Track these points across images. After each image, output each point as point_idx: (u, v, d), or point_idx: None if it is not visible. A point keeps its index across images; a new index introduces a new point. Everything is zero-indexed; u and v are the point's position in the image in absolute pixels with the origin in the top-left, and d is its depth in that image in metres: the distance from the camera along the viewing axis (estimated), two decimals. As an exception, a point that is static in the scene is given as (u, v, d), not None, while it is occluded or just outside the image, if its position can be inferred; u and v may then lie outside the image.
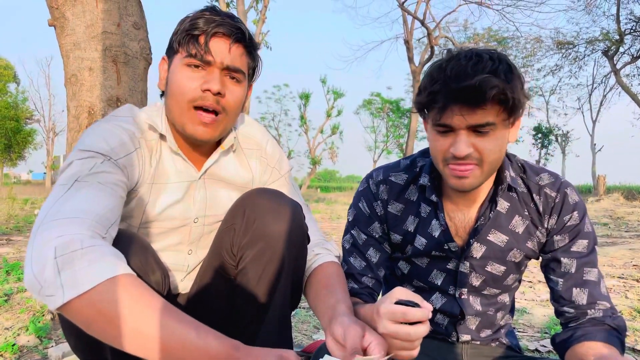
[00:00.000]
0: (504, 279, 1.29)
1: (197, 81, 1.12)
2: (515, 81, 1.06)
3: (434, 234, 1.28)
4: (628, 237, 6.47)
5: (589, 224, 1.23)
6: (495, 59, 1.07)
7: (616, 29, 19.38)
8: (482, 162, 1.10)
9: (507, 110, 1.07)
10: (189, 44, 1.11)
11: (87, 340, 1.04)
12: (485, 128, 1.07)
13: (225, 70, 1.14)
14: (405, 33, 19.33)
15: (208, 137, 1.16)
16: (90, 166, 1.01)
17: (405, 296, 0.94)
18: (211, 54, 1.11)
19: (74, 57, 2.43)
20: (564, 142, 37.03)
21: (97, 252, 0.82)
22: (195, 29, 1.12)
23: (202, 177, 1.24)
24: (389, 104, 38.90)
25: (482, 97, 1.02)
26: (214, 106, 1.12)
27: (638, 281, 3.55)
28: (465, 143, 1.08)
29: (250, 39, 1.18)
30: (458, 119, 1.06)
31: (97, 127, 1.12)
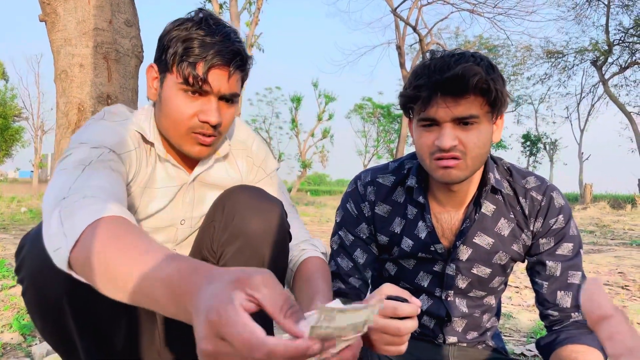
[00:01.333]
0: (489, 282, 1.30)
1: (193, 109, 1.08)
2: (497, 76, 1.10)
3: (420, 235, 1.28)
4: (614, 245, 6.54)
5: (574, 228, 1.24)
6: (476, 56, 1.12)
7: (605, 39, 19.64)
8: (466, 156, 1.12)
9: (490, 103, 1.10)
10: (186, 71, 1.05)
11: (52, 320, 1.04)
12: (469, 120, 1.10)
13: (223, 97, 1.11)
14: (397, 39, 19.44)
15: (204, 155, 1.17)
16: (98, 154, 1.00)
17: (394, 292, 0.96)
18: (209, 84, 1.06)
19: (65, 53, 2.42)
20: (552, 150, 37.39)
21: (98, 200, 0.81)
22: (192, 55, 1.05)
23: (194, 181, 1.24)
24: (380, 109, 39.02)
25: (465, 85, 1.06)
26: (212, 133, 1.11)
27: (623, 288, 3.59)
28: (450, 136, 1.10)
29: (246, 59, 1.12)
30: (443, 111, 1.09)
31: (96, 123, 1.11)
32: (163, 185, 1.19)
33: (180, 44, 1.05)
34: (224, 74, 1.07)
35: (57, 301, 0.99)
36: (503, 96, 1.11)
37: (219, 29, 1.08)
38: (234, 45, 1.08)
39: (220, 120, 1.10)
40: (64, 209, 0.80)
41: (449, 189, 1.23)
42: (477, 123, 1.11)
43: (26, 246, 1.00)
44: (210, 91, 1.08)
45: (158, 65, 1.13)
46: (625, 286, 3.63)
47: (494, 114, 1.14)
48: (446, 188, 1.23)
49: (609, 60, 20.38)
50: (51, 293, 0.98)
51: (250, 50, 15.00)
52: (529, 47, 22.01)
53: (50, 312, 1.02)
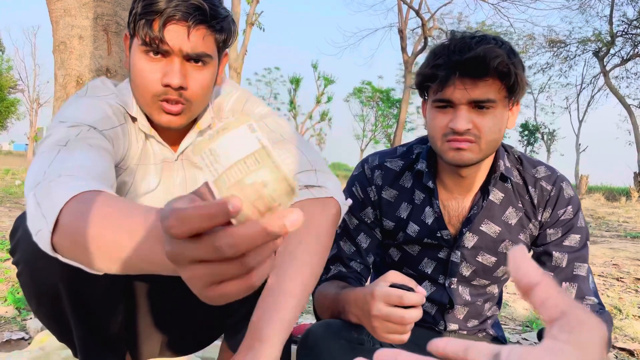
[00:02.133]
0: (494, 270, 1.29)
1: (156, 73, 1.00)
2: (517, 61, 1.08)
3: (427, 221, 1.27)
4: (608, 237, 6.57)
5: (582, 220, 1.23)
6: (498, 39, 1.11)
7: (608, 30, 19.54)
8: (480, 140, 1.11)
9: (509, 87, 1.08)
10: (144, 31, 0.97)
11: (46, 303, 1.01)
12: (486, 104, 1.08)
13: (187, 56, 1.00)
14: (399, 22, 19.27)
15: (175, 125, 1.06)
16: (77, 132, 0.94)
17: (400, 280, 0.95)
18: (167, 43, 0.97)
19: (64, 23, 2.36)
20: (550, 141, 37.44)
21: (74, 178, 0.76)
22: (149, 12, 0.96)
23: (179, 158, 1.17)
24: (380, 93, 38.90)
25: (486, 67, 1.04)
26: (178, 99, 1.02)
27: (618, 280, 3.60)
28: (465, 118, 1.09)
29: (213, 15, 1.00)
30: (460, 92, 1.07)
31: (78, 100, 1.05)
32: (152, 161, 1.14)
33: (141, 2, 0.98)
34: (182, 29, 0.97)
35: (52, 285, 0.96)
36: (522, 82, 1.09)
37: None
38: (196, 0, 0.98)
39: (184, 83, 1.00)
40: (39, 191, 0.76)
41: (458, 174, 1.21)
42: (494, 108, 1.09)
43: (20, 228, 0.96)
44: (170, 51, 0.98)
45: (128, 32, 1.06)
46: (619, 278, 3.65)
47: (511, 100, 1.12)
48: (455, 173, 1.21)
49: (611, 51, 20.30)
50: (46, 277, 0.95)
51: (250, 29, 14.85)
52: (531, 36, 21.89)
53: (45, 296, 1.00)
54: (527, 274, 0.36)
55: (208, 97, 1.09)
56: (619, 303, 2.85)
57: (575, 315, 0.34)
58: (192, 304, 1.25)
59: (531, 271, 0.36)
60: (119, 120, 1.06)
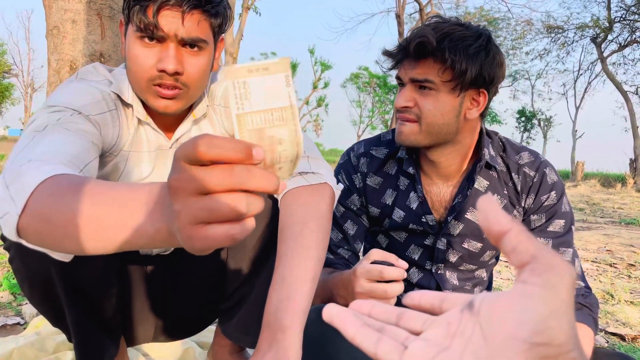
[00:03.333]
0: (480, 256, 1.30)
1: (151, 58, 0.99)
2: (470, 47, 1.10)
3: (411, 206, 1.28)
4: (603, 223, 6.61)
5: (566, 204, 1.24)
6: (467, 26, 1.15)
7: (606, 16, 19.44)
8: (420, 120, 1.15)
9: (450, 71, 1.10)
10: (138, 17, 0.96)
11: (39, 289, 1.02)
12: (425, 84, 1.13)
13: (182, 41, 1.00)
14: (397, 7, 19.13)
15: (172, 111, 1.06)
16: (58, 117, 0.93)
17: (381, 257, 0.98)
18: (162, 28, 0.97)
19: (57, 7, 2.34)
20: (547, 127, 37.44)
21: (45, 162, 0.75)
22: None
23: (173, 146, 1.17)
24: (377, 79, 38.74)
25: (409, 48, 1.12)
26: (174, 84, 1.01)
27: (611, 265, 3.64)
28: (405, 97, 1.16)
29: (208, 0, 1.00)
30: (403, 72, 1.17)
31: (68, 84, 1.04)
32: (146, 149, 1.14)
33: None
34: (177, 14, 0.97)
35: (45, 271, 0.97)
36: (463, 67, 1.09)
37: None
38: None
39: (180, 68, 1.00)
40: (8, 175, 0.73)
41: (428, 158, 1.24)
42: (435, 90, 1.13)
43: None
44: (165, 36, 0.98)
45: (123, 18, 1.06)
46: (613, 264, 3.68)
47: (456, 85, 1.12)
48: (427, 158, 1.25)
49: (609, 37, 20.24)
50: (38, 262, 0.95)
51: (247, 13, 14.72)
52: (529, 22, 21.77)
53: (37, 281, 1.00)
54: (497, 221, 0.37)
55: (205, 82, 1.09)
56: (611, 288, 2.88)
57: (545, 259, 0.35)
58: (186, 288, 1.26)
59: (501, 218, 0.37)
60: (109, 106, 1.05)
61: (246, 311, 1.16)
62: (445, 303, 0.43)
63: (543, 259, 0.35)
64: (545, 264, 0.34)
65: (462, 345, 0.37)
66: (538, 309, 0.33)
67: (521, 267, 0.36)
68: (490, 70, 1.13)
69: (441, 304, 0.43)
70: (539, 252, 0.35)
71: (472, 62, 1.10)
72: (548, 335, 0.33)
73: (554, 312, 0.33)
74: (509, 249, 0.36)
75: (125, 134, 1.10)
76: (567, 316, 0.34)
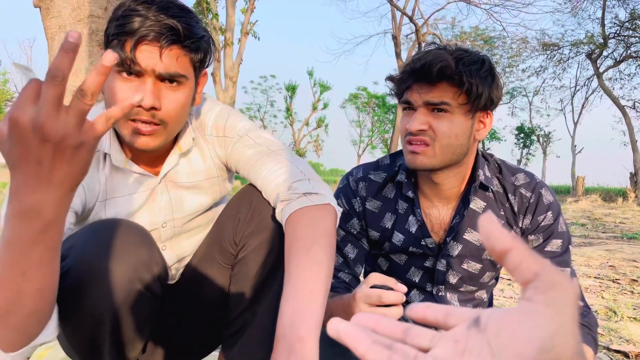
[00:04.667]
0: (480, 277, 1.32)
1: (128, 92, 0.98)
2: (480, 71, 1.13)
3: (411, 229, 1.30)
4: (605, 238, 6.60)
5: (563, 224, 1.26)
6: (470, 51, 1.17)
7: (601, 32, 19.65)
8: (435, 143, 1.15)
9: (465, 94, 1.13)
10: (116, 51, 0.94)
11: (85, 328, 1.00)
12: (440, 106, 1.14)
13: (160, 76, 0.99)
14: (393, 28, 19.35)
15: (150, 148, 1.04)
16: None
17: (380, 281, 0.99)
18: (139, 63, 0.96)
19: (60, 40, 2.39)
20: (546, 143, 37.51)
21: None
22: (121, 32, 0.95)
23: (162, 181, 1.17)
24: (375, 99, 39.00)
25: (431, 71, 1.11)
26: (150, 120, 1.00)
27: (614, 281, 3.63)
28: (419, 120, 1.15)
29: (188, 35, 0.99)
30: (416, 95, 1.16)
31: None
32: (126, 192, 1.13)
33: (114, 23, 0.98)
34: (154, 49, 0.96)
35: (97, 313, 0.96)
36: (479, 90, 1.13)
37: (156, 3, 0.97)
38: (168, 19, 0.96)
39: (157, 103, 0.98)
40: None
41: (432, 180, 1.25)
42: (450, 112, 1.14)
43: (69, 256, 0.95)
44: (143, 71, 0.97)
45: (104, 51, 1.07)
46: (615, 279, 3.67)
47: (471, 108, 1.15)
48: (430, 180, 1.25)
49: (604, 53, 20.40)
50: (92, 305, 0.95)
51: (246, 38, 14.89)
52: (524, 39, 21.98)
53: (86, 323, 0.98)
54: (499, 239, 0.37)
55: (184, 117, 1.09)
56: (614, 305, 2.87)
57: (548, 277, 0.35)
58: (190, 315, 1.27)
59: (503, 236, 0.37)
60: None
61: (249, 337, 1.17)
62: (450, 318, 0.43)
63: (546, 277, 0.35)
64: (548, 281, 0.35)
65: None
66: (544, 326, 0.34)
67: (525, 285, 0.36)
68: (497, 93, 1.18)
69: (446, 318, 0.43)
70: (542, 269, 0.35)
71: (484, 85, 1.14)
72: (555, 353, 0.33)
73: (559, 329, 0.34)
74: (512, 267, 0.37)
75: (95, 188, 1.09)
76: (572, 332, 0.35)
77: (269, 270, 1.12)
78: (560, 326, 0.34)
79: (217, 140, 1.20)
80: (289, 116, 32.91)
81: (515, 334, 0.35)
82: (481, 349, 0.37)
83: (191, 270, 1.27)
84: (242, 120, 1.20)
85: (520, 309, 0.36)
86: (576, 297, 0.35)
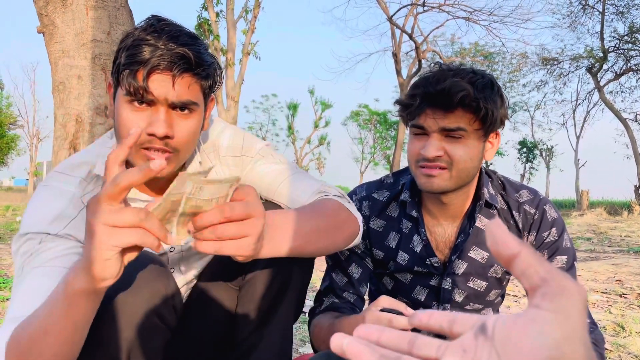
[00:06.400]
0: (486, 295, 1.31)
1: (141, 122, 0.98)
2: (492, 95, 1.13)
3: (415, 249, 1.29)
4: (611, 252, 6.55)
5: (567, 240, 1.25)
6: (478, 72, 1.15)
7: (600, 46, 19.76)
8: (452, 167, 1.15)
9: (480, 120, 1.12)
10: (127, 81, 0.96)
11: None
12: (456, 133, 1.12)
13: (172, 105, 0.99)
14: (393, 46, 19.50)
15: (162, 175, 1.04)
16: (30, 252, 0.97)
17: (390, 304, 0.99)
18: (152, 92, 0.96)
19: (63, 64, 2.42)
20: (549, 157, 37.50)
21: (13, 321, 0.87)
22: (132, 62, 0.95)
23: None
24: (377, 116, 39.14)
25: (451, 99, 1.08)
26: (163, 148, 1.00)
27: (621, 296, 3.59)
28: (435, 146, 1.13)
29: (198, 63, 0.99)
30: (431, 121, 1.13)
31: (35, 198, 1.06)
32: None
33: (124, 53, 0.98)
34: (167, 78, 0.97)
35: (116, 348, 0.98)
36: (494, 115, 1.13)
37: (166, 32, 0.98)
38: (179, 48, 0.96)
39: (170, 132, 0.99)
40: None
41: (440, 201, 1.24)
42: (465, 137, 1.13)
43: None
44: (155, 100, 0.97)
45: (112, 81, 1.05)
46: (623, 294, 3.63)
47: (485, 132, 1.16)
48: (437, 200, 1.24)
49: (604, 67, 20.48)
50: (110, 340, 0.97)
51: (247, 58, 15.02)
52: (524, 55, 22.12)
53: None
54: (506, 245, 0.36)
55: (195, 144, 1.10)
56: (622, 320, 2.84)
57: (556, 282, 0.34)
58: (196, 338, 1.26)
59: (510, 242, 0.36)
60: (76, 206, 1.05)
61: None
62: (456, 325, 0.41)
63: (554, 282, 0.34)
64: (556, 287, 0.34)
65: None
66: (552, 334, 0.33)
67: (533, 291, 0.35)
68: (505, 113, 1.18)
69: (451, 325, 0.42)
70: (549, 275, 0.35)
71: (497, 109, 1.14)
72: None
73: (567, 337, 0.33)
74: (519, 272, 0.36)
75: None
76: (582, 339, 0.33)
77: (276, 291, 1.12)
78: (569, 333, 0.33)
79: (232, 160, 1.22)
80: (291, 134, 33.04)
81: (523, 342, 0.34)
82: (489, 358, 0.36)
83: (198, 292, 1.27)
84: (259, 141, 1.24)
85: (527, 315, 0.35)
86: (585, 303, 0.34)
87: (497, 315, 0.39)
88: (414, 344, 0.42)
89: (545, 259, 1.15)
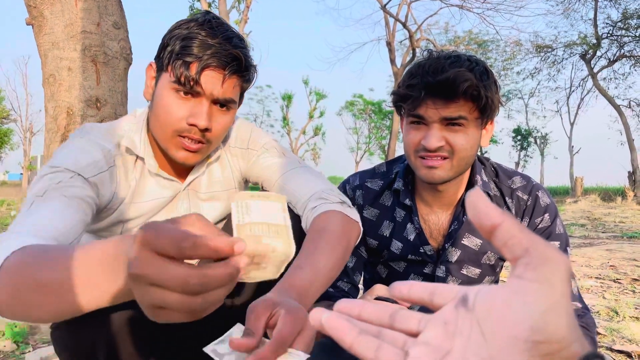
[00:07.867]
0: (479, 282, 1.31)
1: (184, 111, 1.04)
2: (489, 82, 1.12)
3: (409, 237, 1.29)
4: (605, 238, 6.59)
5: (560, 226, 1.26)
6: (472, 60, 1.14)
7: (593, 33, 19.76)
8: (453, 156, 1.14)
9: (480, 108, 1.12)
10: (179, 70, 1.01)
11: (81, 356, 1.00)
12: (457, 121, 1.12)
13: (216, 100, 1.06)
14: (387, 35, 19.44)
15: (190, 163, 1.11)
16: (59, 180, 0.95)
17: (385, 292, 0.99)
18: (201, 86, 1.02)
19: (53, 56, 2.40)
20: (543, 144, 37.59)
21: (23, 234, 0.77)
22: (187, 54, 1.01)
23: (186, 188, 1.21)
24: (371, 106, 39.06)
25: (456, 90, 1.07)
26: (199, 139, 1.06)
27: (615, 281, 3.62)
28: (437, 137, 1.12)
29: (247, 67, 1.07)
30: (432, 111, 1.12)
31: (71, 143, 1.07)
32: (152, 198, 1.16)
33: (179, 42, 1.02)
34: (218, 76, 1.03)
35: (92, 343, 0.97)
36: (494, 103, 1.13)
37: (221, 31, 1.04)
38: (234, 49, 1.03)
39: (210, 125, 1.05)
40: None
41: (435, 189, 1.24)
42: (465, 126, 1.13)
43: None
44: (202, 93, 1.03)
45: (156, 64, 1.10)
46: (617, 279, 3.66)
47: (483, 120, 1.16)
48: (432, 188, 1.24)
49: (598, 53, 20.50)
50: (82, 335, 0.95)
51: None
52: (518, 42, 22.10)
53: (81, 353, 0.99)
54: (487, 215, 0.36)
55: (223, 137, 1.15)
56: (615, 305, 2.86)
57: (538, 252, 0.34)
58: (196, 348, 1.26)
59: (491, 212, 0.36)
60: (108, 162, 1.07)
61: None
62: (436, 296, 0.41)
63: (537, 252, 0.34)
64: (539, 257, 0.34)
65: (463, 347, 0.36)
66: (535, 306, 0.33)
67: (515, 261, 0.35)
68: (499, 98, 1.18)
69: (431, 297, 0.41)
70: (532, 244, 0.34)
71: (495, 96, 1.14)
72: (547, 333, 0.32)
73: (550, 307, 0.33)
74: (501, 243, 0.35)
75: (124, 188, 1.12)
76: (565, 310, 0.33)
77: (266, 285, 1.12)
78: (552, 304, 0.33)
79: (240, 152, 1.25)
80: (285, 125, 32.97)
81: (505, 314, 0.34)
82: (471, 330, 0.36)
83: None
84: (265, 136, 1.27)
85: (509, 287, 0.34)
86: (569, 273, 0.34)
87: (478, 286, 0.37)
88: (395, 318, 0.42)
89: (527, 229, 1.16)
